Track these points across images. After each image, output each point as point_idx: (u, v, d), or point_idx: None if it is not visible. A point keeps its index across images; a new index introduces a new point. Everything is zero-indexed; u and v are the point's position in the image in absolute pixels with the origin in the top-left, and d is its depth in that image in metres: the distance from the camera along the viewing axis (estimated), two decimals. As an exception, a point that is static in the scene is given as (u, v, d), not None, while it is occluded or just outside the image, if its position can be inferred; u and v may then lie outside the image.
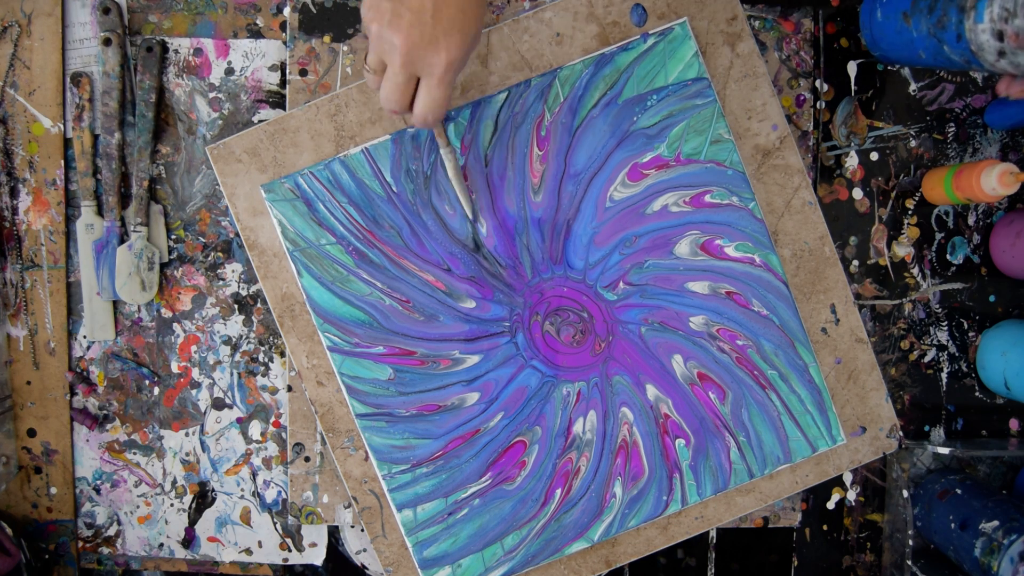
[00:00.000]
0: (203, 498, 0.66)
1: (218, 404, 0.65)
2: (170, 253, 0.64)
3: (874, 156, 0.65)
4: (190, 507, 0.66)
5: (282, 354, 0.65)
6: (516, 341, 0.61)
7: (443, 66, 0.45)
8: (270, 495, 0.66)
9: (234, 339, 0.65)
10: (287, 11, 0.63)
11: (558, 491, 0.62)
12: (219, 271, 0.64)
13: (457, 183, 0.58)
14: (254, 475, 0.66)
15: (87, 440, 0.65)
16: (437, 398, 0.61)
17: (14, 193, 0.63)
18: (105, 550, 0.66)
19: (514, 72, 0.60)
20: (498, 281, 0.61)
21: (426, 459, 0.61)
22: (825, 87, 0.65)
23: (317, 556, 0.66)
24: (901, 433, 0.64)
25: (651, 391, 0.62)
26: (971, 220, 0.66)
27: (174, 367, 0.65)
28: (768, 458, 0.62)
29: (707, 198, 0.60)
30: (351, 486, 0.62)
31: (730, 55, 0.61)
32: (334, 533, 0.67)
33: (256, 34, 0.63)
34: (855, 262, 0.66)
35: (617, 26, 0.60)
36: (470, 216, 0.59)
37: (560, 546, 0.62)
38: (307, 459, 0.64)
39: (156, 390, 0.65)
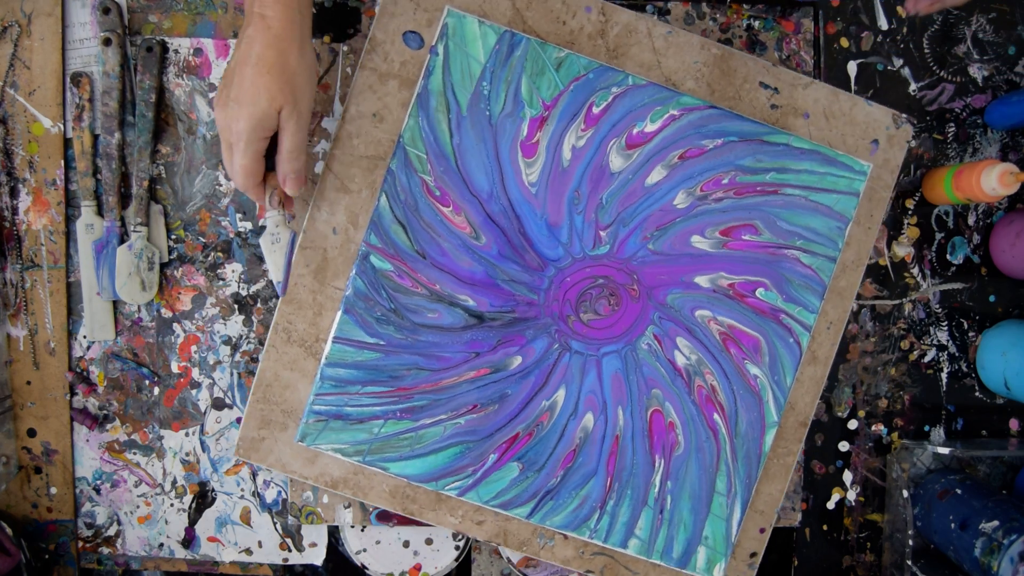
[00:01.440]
0: (203, 498, 0.66)
1: (218, 404, 0.65)
2: (170, 253, 0.64)
3: (874, 156, 0.65)
4: (190, 507, 0.66)
5: (282, 354, 0.65)
6: (576, 351, 0.62)
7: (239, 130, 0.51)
8: (270, 495, 0.66)
9: (234, 339, 0.65)
10: (287, 11, 0.63)
11: (716, 416, 0.62)
12: (219, 271, 0.64)
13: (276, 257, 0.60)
14: (254, 475, 0.66)
15: (87, 440, 0.65)
16: (567, 447, 0.62)
17: (14, 193, 0.63)
18: (105, 550, 0.66)
19: (366, 173, 0.61)
20: (520, 324, 0.61)
21: (603, 495, 0.62)
22: (825, 87, 0.65)
23: (317, 556, 0.66)
24: (905, 115, 0.62)
25: (702, 280, 0.62)
26: (971, 220, 0.66)
27: (174, 367, 0.65)
28: (830, 233, 0.62)
29: (595, 110, 0.60)
30: (578, 566, 0.64)
31: None
32: (334, 533, 0.67)
33: (256, 34, 0.63)
34: (855, 262, 0.66)
35: (408, 64, 0.60)
36: (277, 288, 0.61)
37: (758, 448, 0.63)
38: (307, 459, 0.64)
39: (156, 390, 0.65)
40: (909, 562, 0.64)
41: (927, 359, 0.67)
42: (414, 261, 0.60)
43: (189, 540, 0.66)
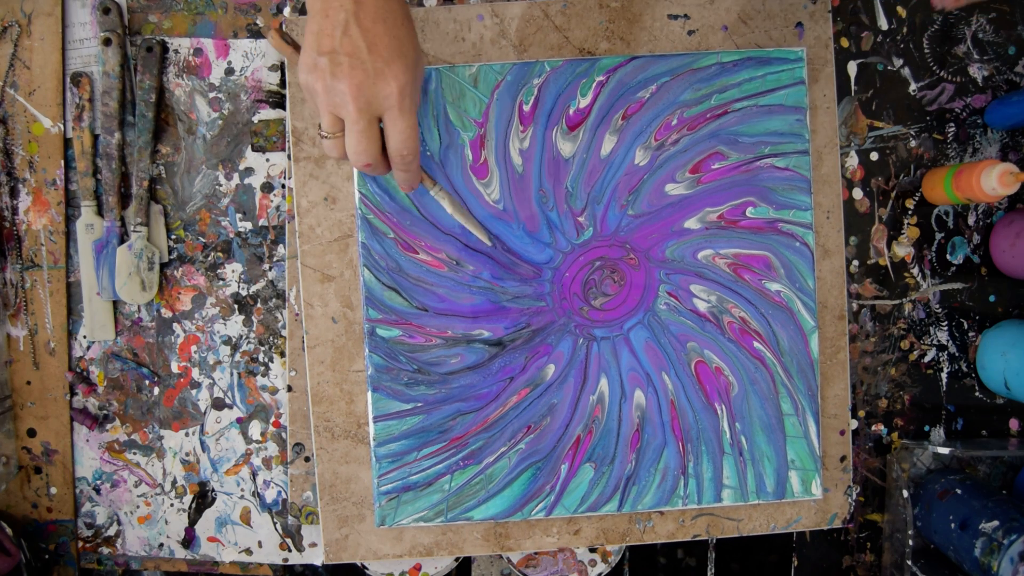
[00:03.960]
0: (203, 498, 0.66)
1: (218, 404, 0.65)
2: (170, 253, 0.64)
3: (874, 156, 0.65)
4: (190, 507, 0.66)
5: (282, 354, 0.65)
6: (602, 338, 0.62)
7: (396, 95, 0.45)
8: (270, 495, 0.66)
9: (234, 339, 0.65)
10: (287, 11, 0.63)
11: (756, 344, 0.63)
12: (219, 271, 0.64)
13: (462, 218, 0.58)
14: (254, 475, 0.66)
15: (87, 440, 0.65)
16: (629, 430, 0.63)
17: (14, 193, 0.63)
18: (105, 550, 0.66)
19: (340, 256, 0.62)
20: (540, 334, 0.62)
21: (681, 461, 0.63)
22: (825, 87, 0.65)
23: (317, 556, 0.66)
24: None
25: (691, 223, 0.62)
26: (971, 220, 0.66)
27: (174, 367, 0.65)
28: (792, 128, 0.62)
29: (525, 108, 0.61)
30: (683, 535, 0.64)
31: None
32: (334, 533, 0.67)
33: (256, 34, 0.63)
34: (855, 262, 0.66)
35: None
36: (488, 243, 0.60)
37: (807, 358, 0.63)
38: (307, 459, 0.64)
39: (156, 390, 0.65)
40: (909, 562, 0.64)
41: (927, 359, 0.67)
42: (418, 317, 0.61)
43: (189, 540, 0.66)
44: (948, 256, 0.67)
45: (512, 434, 0.62)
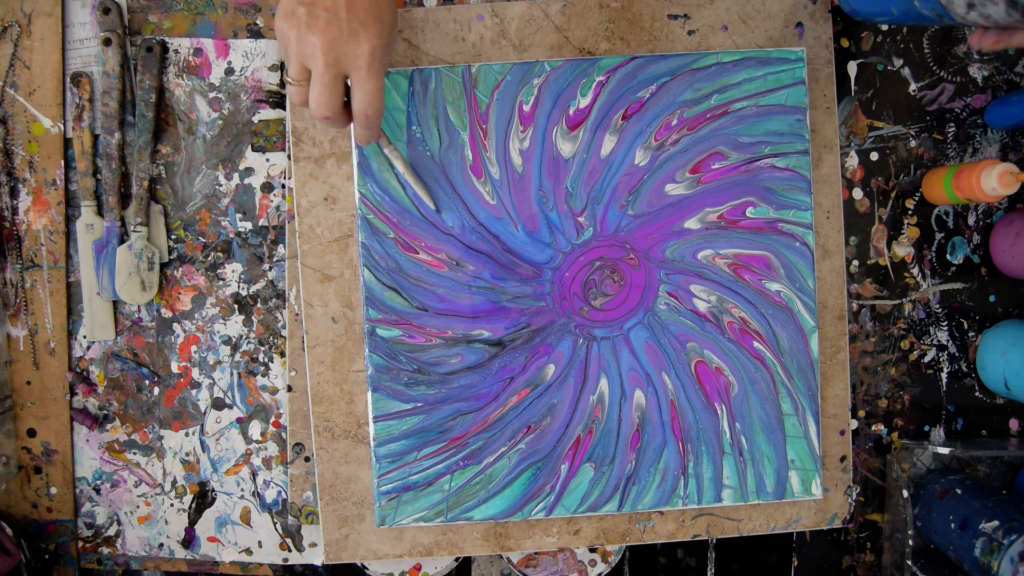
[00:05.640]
0: (203, 498, 0.66)
1: (218, 404, 0.65)
2: (170, 253, 0.64)
3: (874, 156, 0.65)
4: (190, 507, 0.66)
5: (282, 354, 0.65)
6: (602, 338, 0.62)
7: (367, 56, 0.46)
8: (270, 495, 0.66)
9: (234, 339, 0.65)
10: (287, 11, 0.63)
11: (756, 344, 0.62)
12: (219, 271, 0.64)
13: (411, 178, 0.59)
14: (254, 475, 0.66)
15: (87, 440, 0.65)
16: (629, 430, 0.63)
17: (14, 193, 0.63)
18: (105, 550, 0.66)
19: (340, 256, 0.62)
20: (540, 334, 0.62)
21: (680, 461, 0.63)
22: (825, 87, 0.65)
23: (317, 556, 0.66)
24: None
25: (691, 223, 0.62)
26: (971, 220, 0.66)
27: (174, 367, 0.65)
28: (792, 129, 0.62)
29: (525, 108, 0.61)
30: (683, 535, 0.64)
31: None
32: (334, 533, 0.67)
33: (256, 34, 0.63)
34: (855, 262, 0.66)
35: (337, 139, 0.60)
36: (432, 207, 0.60)
37: (807, 358, 0.63)
38: (307, 459, 0.64)
39: (156, 390, 0.65)
40: (909, 562, 0.64)
41: (927, 359, 0.67)
42: (418, 317, 0.61)
43: (189, 540, 0.66)
44: (948, 256, 0.67)
45: (512, 434, 0.62)
